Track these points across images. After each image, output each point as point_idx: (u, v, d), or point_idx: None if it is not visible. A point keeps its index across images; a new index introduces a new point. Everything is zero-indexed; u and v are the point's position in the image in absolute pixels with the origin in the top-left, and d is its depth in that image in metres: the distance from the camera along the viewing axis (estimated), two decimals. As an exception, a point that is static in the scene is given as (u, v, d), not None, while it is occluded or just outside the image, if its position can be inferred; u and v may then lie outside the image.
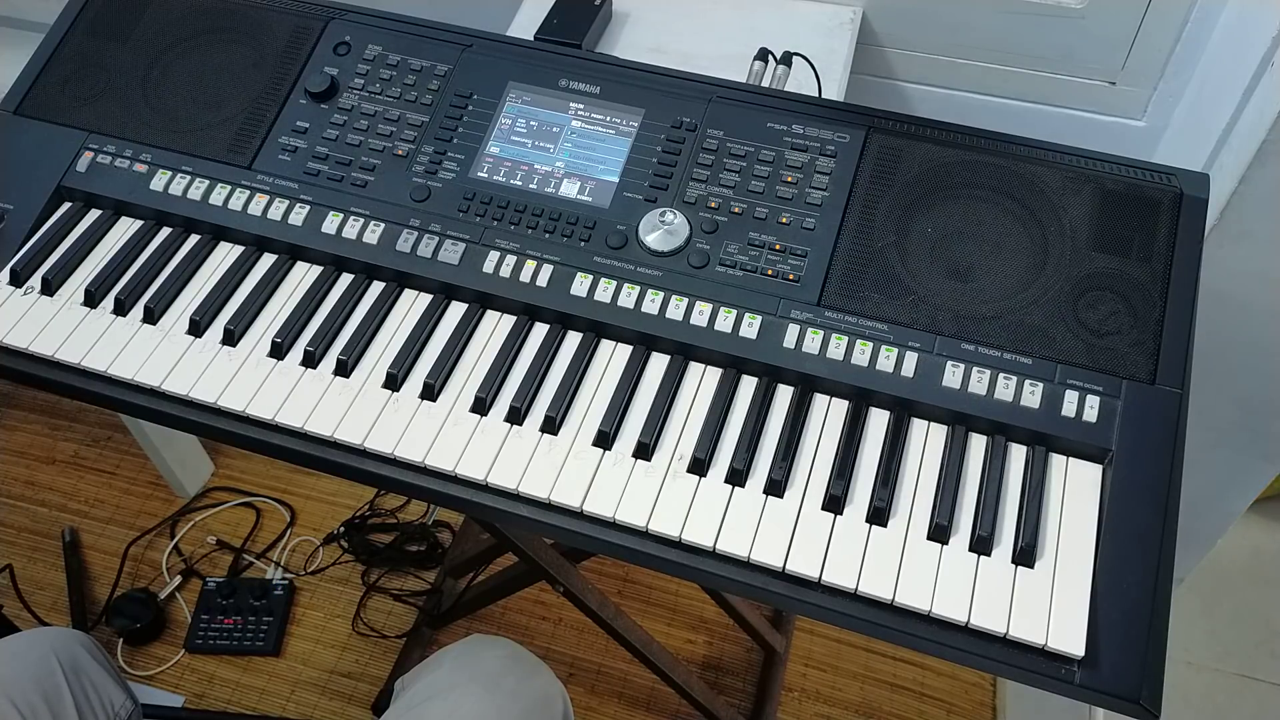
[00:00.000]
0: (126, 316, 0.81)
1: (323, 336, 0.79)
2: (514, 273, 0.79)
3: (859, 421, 0.73)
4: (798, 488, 0.71)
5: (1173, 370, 0.71)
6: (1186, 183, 0.77)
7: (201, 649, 1.58)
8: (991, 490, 0.69)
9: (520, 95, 0.86)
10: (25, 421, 1.89)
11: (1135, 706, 0.62)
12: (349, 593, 1.66)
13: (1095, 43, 1.07)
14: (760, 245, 0.78)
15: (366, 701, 1.54)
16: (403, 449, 0.73)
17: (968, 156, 0.80)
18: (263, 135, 0.87)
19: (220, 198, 0.85)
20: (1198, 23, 1.02)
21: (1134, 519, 0.67)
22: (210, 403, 0.76)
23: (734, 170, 0.81)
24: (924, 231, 0.77)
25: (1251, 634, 1.60)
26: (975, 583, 0.66)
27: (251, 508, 1.76)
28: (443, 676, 0.90)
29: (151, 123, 0.89)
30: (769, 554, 0.67)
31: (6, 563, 1.68)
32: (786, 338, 0.75)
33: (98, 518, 1.76)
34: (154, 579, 1.67)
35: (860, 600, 0.66)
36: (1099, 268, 0.75)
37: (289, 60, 0.90)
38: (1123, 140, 1.14)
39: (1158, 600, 0.65)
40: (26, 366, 0.80)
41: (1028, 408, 0.71)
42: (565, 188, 0.82)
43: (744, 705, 1.53)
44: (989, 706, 1.52)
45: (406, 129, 0.86)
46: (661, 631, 1.59)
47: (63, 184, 0.87)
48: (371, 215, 0.83)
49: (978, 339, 0.73)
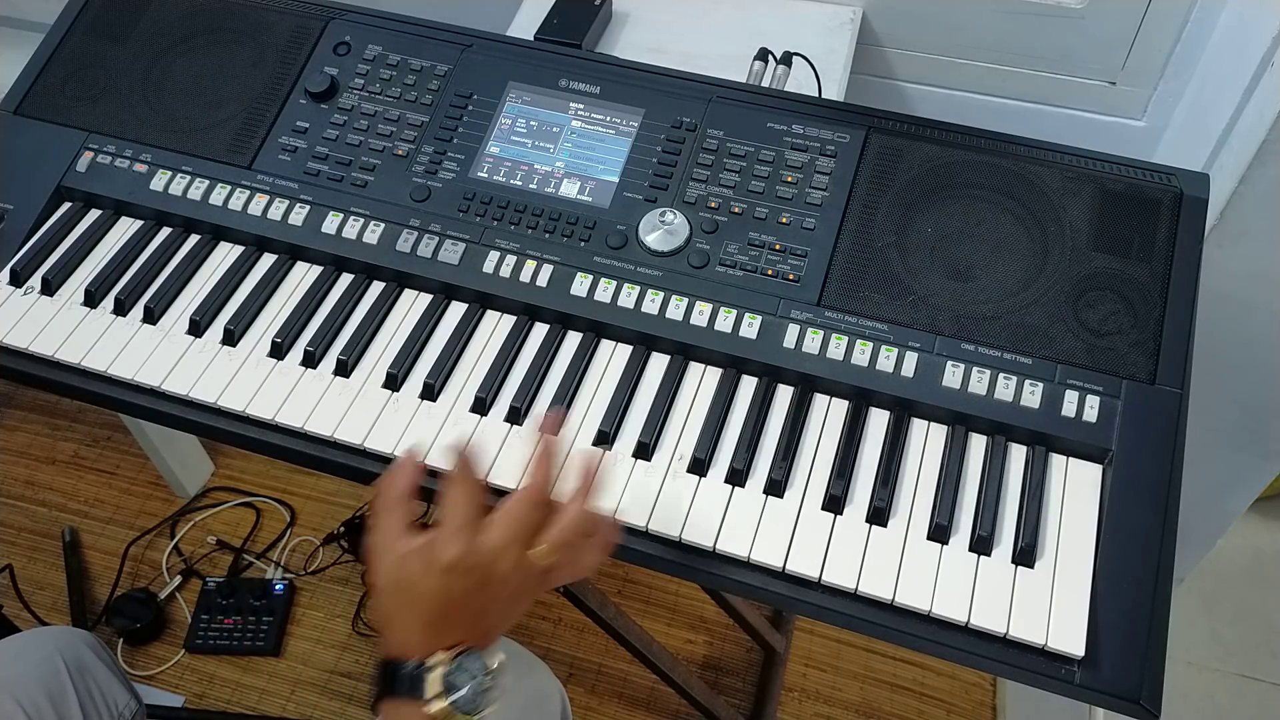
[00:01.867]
0: (126, 316, 0.81)
1: (323, 336, 0.79)
2: (514, 273, 0.79)
3: (859, 421, 0.73)
4: (798, 488, 0.71)
5: (1173, 370, 0.71)
6: (1186, 183, 0.77)
7: (201, 649, 1.58)
8: (991, 490, 0.69)
9: (520, 95, 0.86)
10: (25, 421, 1.89)
11: (1135, 706, 0.62)
12: (349, 593, 1.66)
13: (1095, 43, 1.07)
14: (760, 245, 0.78)
15: (366, 701, 1.54)
16: (403, 449, 0.73)
17: (968, 156, 0.80)
18: (263, 135, 0.87)
19: (220, 198, 0.85)
20: (1198, 23, 1.02)
21: (1134, 519, 0.67)
22: (210, 403, 0.76)
23: (734, 170, 0.81)
24: (924, 231, 0.77)
25: (1251, 634, 1.60)
26: (975, 583, 0.66)
27: (251, 508, 1.76)
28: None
29: (151, 123, 0.89)
30: (769, 554, 0.67)
31: (6, 563, 1.68)
32: (786, 338, 0.75)
33: (98, 518, 1.76)
34: (154, 579, 1.67)
35: (860, 600, 0.66)
36: (1099, 268, 0.75)
37: (289, 60, 0.90)
38: (1123, 140, 1.14)
39: (1158, 600, 0.65)
40: (26, 366, 0.80)
41: (1028, 408, 0.71)
42: (565, 188, 0.82)
43: (744, 705, 1.52)
44: (989, 706, 1.52)
45: (406, 129, 0.86)
46: (661, 631, 1.59)
47: (63, 184, 0.87)
48: (371, 215, 0.83)
49: (978, 339, 0.73)
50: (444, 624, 0.60)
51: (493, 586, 0.60)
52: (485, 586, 0.59)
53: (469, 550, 0.59)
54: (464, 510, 0.61)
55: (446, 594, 0.59)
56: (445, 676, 0.58)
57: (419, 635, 0.59)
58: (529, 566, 0.60)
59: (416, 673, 0.58)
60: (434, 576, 0.59)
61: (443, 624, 0.60)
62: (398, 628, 0.60)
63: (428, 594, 0.59)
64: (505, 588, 0.60)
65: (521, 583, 0.61)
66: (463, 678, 0.58)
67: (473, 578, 0.59)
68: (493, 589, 0.60)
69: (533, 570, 0.60)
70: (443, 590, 0.59)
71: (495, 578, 0.59)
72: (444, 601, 0.59)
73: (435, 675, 0.58)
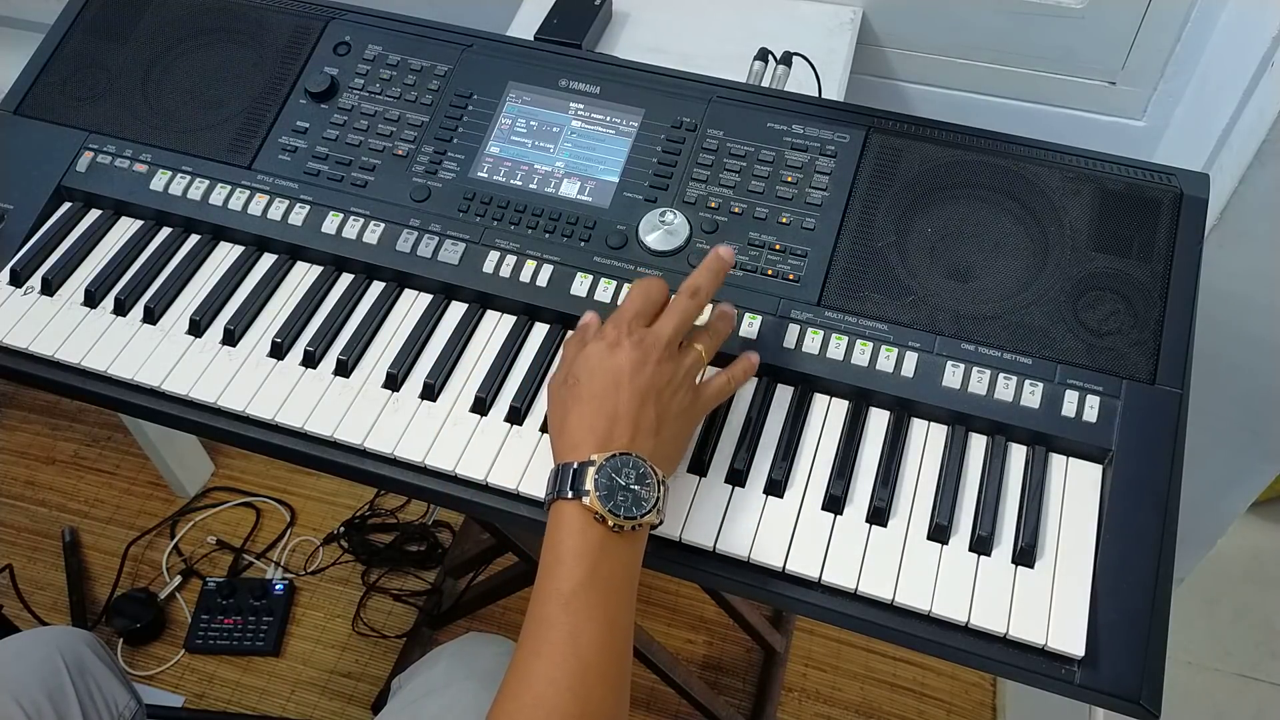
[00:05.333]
0: (126, 316, 0.81)
1: (323, 336, 0.79)
2: (514, 273, 0.79)
3: (859, 421, 0.73)
4: (798, 488, 0.71)
5: (1173, 370, 0.71)
6: (1186, 183, 0.77)
7: (201, 649, 1.58)
8: (991, 490, 0.69)
9: (520, 95, 0.86)
10: (25, 421, 1.89)
11: (1135, 706, 0.62)
12: (349, 593, 1.66)
13: (1095, 43, 1.07)
14: (760, 245, 0.78)
15: (366, 701, 1.54)
16: (403, 449, 0.73)
17: (968, 156, 0.79)
18: (263, 135, 0.87)
19: (220, 198, 0.85)
20: (1198, 23, 1.02)
21: (1134, 519, 0.67)
22: (210, 403, 0.76)
23: (734, 170, 0.81)
24: (924, 231, 0.77)
25: (1251, 634, 1.60)
26: (975, 583, 0.66)
27: (251, 508, 1.76)
28: (439, 674, 0.90)
29: (151, 123, 0.89)
30: (769, 554, 0.67)
31: (6, 563, 1.68)
32: (786, 338, 0.75)
33: (98, 518, 1.76)
34: (154, 579, 1.67)
35: (860, 600, 0.66)
36: (1099, 268, 0.75)
37: (289, 60, 0.90)
38: (1123, 140, 1.14)
39: (1158, 600, 0.64)
40: (26, 366, 0.80)
41: (1028, 408, 0.71)
42: (565, 188, 0.82)
43: (744, 705, 1.53)
44: (989, 706, 1.52)
45: (406, 129, 0.86)
46: (661, 631, 1.59)
47: (63, 184, 0.87)
48: (371, 215, 0.83)
49: (978, 339, 0.73)
50: (611, 424, 0.63)
51: (659, 392, 0.65)
52: (651, 388, 0.64)
53: (638, 341, 0.65)
54: (640, 304, 0.68)
55: (615, 384, 0.64)
56: (605, 472, 0.61)
57: (586, 435, 0.63)
58: (685, 368, 0.66)
59: (580, 469, 0.61)
60: (606, 363, 0.64)
61: (610, 424, 0.63)
62: (570, 427, 0.64)
63: (599, 382, 0.64)
64: (672, 399, 0.65)
65: (681, 386, 0.66)
66: (625, 476, 0.61)
67: (641, 372, 0.64)
68: (660, 396, 0.65)
69: (689, 373, 0.67)
70: (610, 378, 0.64)
71: (661, 382, 0.65)
72: (612, 393, 0.64)
73: (593, 470, 0.61)
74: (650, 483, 0.62)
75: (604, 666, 0.58)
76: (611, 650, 0.59)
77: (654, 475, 0.62)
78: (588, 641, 0.58)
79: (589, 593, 0.59)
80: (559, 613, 0.59)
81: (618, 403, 0.64)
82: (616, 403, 0.64)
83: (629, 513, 0.61)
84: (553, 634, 0.58)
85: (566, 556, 0.60)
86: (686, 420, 0.67)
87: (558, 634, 0.58)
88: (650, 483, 0.62)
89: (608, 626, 0.59)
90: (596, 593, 0.59)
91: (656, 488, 0.62)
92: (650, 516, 0.62)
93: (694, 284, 0.69)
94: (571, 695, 0.57)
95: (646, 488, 0.62)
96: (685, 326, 0.68)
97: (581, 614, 0.59)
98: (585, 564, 0.60)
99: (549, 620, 0.59)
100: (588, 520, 0.61)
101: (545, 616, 0.59)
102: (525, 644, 0.59)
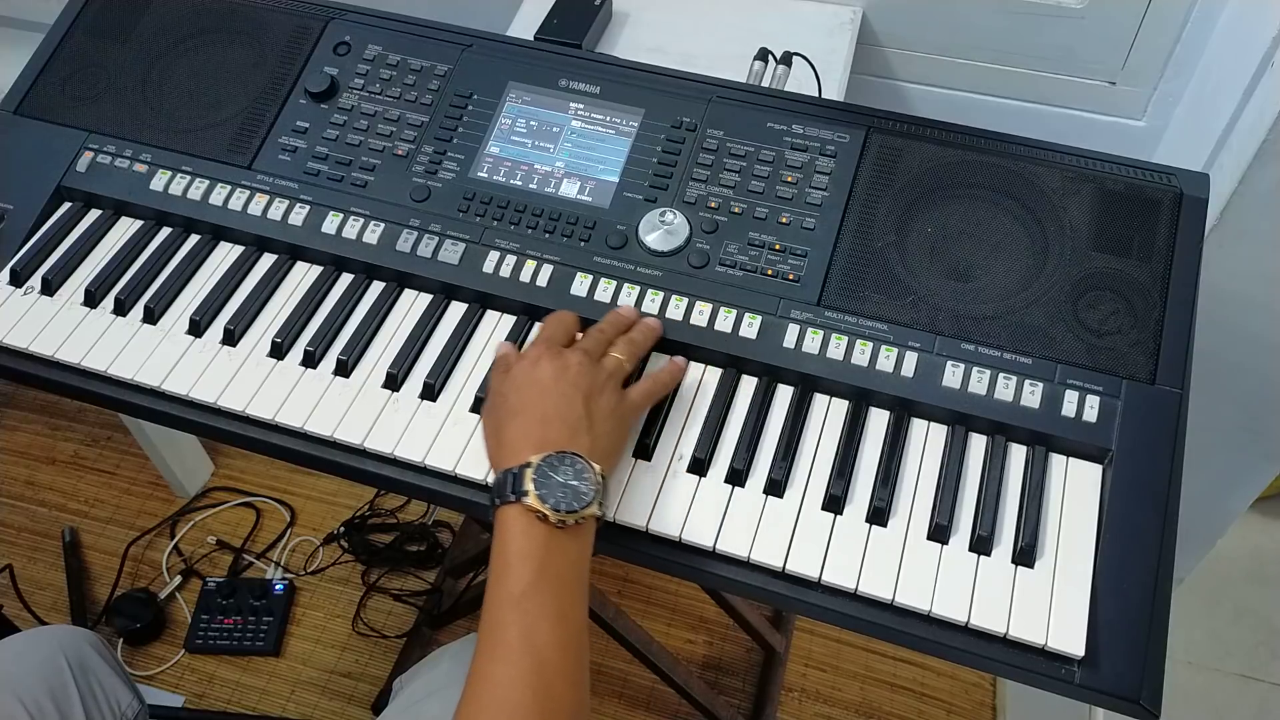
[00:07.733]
0: (126, 316, 0.81)
1: (323, 336, 0.79)
2: (514, 273, 0.79)
3: (859, 421, 0.73)
4: (798, 488, 0.71)
5: (1173, 370, 0.71)
6: (1186, 183, 0.77)
7: (201, 649, 1.58)
8: (991, 490, 0.69)
9: (520, 95, 0.86)
10: (25, 421, 1.89)
11: (1135, 706, 0.62)
12: (349, 593, 1.66)
13: (1095, 43, 1.07)
14: (760, 245, 0.78)
15: (366, 701, 1.54)
16: (403, 449, 0.73)
17: (968, 156, 0.79)
18: (263, 135, 0.87)
19: (220, 198, 0.85)
20: (1198, 23, 1.02)
21: (1134, 519, 0.67)
22: (210, 403, 0.76)
23: (734, 170, 0.81)
24: (924, 231, 0.77)
25: (1251, 634, 1.60)
26: (975, 583, 0.66)
27: (251, 508, 1.76)
28: (441, 674, 0.90)
29: (151, 123, 0.88)
30: (769, 554, 0.67)
31: (6, 563, 1.68)
32: (786, 338, 0.75)
33: (98, 518, 1.76)
34: (154, 579, 1.67)
35: (860, 600, 0.66)
36: (1099, 268, 0.75)
37: (289, 60, 0.90)
38: (1123, 140, 1.14)
39: (1158, 600, 0.64)
40: (26, 366, 0.80)
41: (1028, 408, 0.71)
42: (565, 188, 0.82)
43: (744, 705, 1.52)
44: (989, 706, 1.52)
45: (406, 129, 0.86)
46: (661, 631, 1.59)
47: (63, 184, 0.87)
48: (371, 215, 0.83)
49: (978, 339, 0.73)
50: (543, 427, 0.65)
51: (584, 394, 0.67)
52: (576, 391, 0.67)
53: (557, 354, 0.69)
54: (554, 330, 0.72)
55: (541, 393, 0.66)
56: (541, 470, 0.62)
57: (521, 441, 0.65)
58: (608, 372, 0.69)
59: (519, 471, 0.63)
60: (529, 376, 0.68)
61: (542, 427, 0.65)
62: (506, 438, 0.66)
63: (526, 394, 0.67)
64: (597, 399, 0.68)
65: (605, 387, 0.69)
66: (562, 473, 0.63)
67: (564, 377, 0.67)
68: (586, 397, 0.67)
69: (611, 376, 0.69)
70: (536, 388, 0.67)
71: (584, 384, 0.67)
72: (539, 400, 0.66)
73: (531, 470, 0.62)
74: (588, 477, 0.63)
75: (561, 662, 0.59)
76: (567, 645, 0.60)
77: (591, 469, 0.64)
78: (543, 640, 0.59)
79: (539, 592, 0.60)
80: (512, 614, 0.59)
81: (546, 406, 0.66)
82: (545, 406, 0.66)
83: (569, 506, 0.62)
84: (508, 635, 0.59)
85: (514, 559, 0.61)
86: (617, 420, 0.69)
87: (512, 635, 0.59)
88: (588, 477, 0.63)
89: (561, 622, 0.60)
90: (547, 591, 0.60)
91: (595, 481, 0.63)
92: (591, 510, 0.63)
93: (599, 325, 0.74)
94: (531, 693, 0.58)
95: (585, 481, 0.63)
96: (600, 345, 0.72)
97: (534, 613, 0.59)
98: (532, 564, 0.61)
99: (503, 623, 0.60)
100: (530, 520, 0.62)
101: (499, 620, 0.60)
102: (482, 648, 0.60)
